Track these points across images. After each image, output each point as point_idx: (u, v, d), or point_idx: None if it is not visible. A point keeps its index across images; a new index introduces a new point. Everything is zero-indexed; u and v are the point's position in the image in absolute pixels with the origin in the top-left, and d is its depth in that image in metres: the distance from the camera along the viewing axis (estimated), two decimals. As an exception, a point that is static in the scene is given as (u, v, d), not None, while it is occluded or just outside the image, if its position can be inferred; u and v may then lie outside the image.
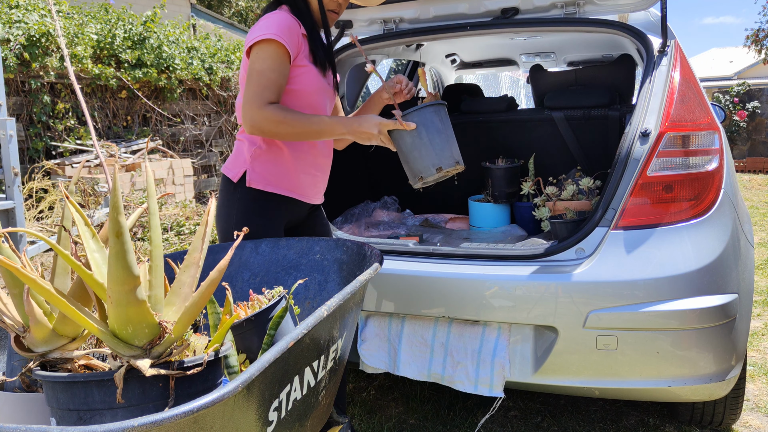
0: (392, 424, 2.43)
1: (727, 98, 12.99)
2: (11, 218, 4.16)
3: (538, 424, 2.41)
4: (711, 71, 21.20)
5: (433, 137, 1.70)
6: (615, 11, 2.56)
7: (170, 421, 0.78)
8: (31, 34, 5.47)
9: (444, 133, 1.71)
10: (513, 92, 8.47)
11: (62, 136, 5.86)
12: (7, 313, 1.11)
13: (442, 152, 1.71)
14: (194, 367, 0.97)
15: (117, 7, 6.99)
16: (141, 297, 0.95)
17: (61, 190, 1.55)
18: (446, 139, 1.72)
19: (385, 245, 2.22)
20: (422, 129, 1.69)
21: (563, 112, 2.84)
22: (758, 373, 2.82)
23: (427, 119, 1.70)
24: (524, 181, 2.88)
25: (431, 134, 1.70)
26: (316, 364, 1.22)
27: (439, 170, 1.71)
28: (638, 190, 1.89)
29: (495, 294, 1.94)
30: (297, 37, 1.76)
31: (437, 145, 1.70)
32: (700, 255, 1.84)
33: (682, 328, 1.80)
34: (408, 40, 2.81)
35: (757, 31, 16.18)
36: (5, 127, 4.08)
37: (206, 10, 13.31)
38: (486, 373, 2.00)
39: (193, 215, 5.65)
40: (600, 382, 1.90)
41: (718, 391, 1.90)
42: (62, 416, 0.97)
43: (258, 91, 1.69)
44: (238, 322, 1.35)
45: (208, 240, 1.10)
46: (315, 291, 1.69)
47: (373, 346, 2.16)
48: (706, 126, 1.95)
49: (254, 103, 1.69)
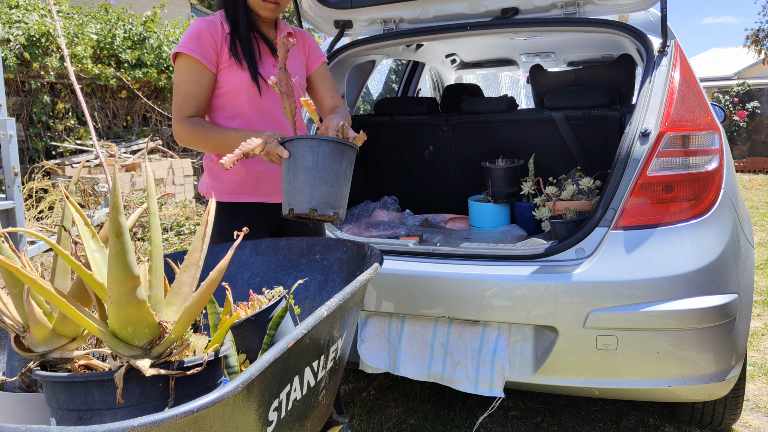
0: (392, 424, 2.43)
1: (727, 98, 12.99)
2: (11, 218, 4.16)
3: (538, 424, 2.41)
4: (711, 71, 21.20)
5: (298, 174, 1.54)
6: (615, 11, 2.56)
7: (170, 421, 0.78)
8: (31, 34, 5.47)
9: (311, 173, 1.52)
10: (513, 92, 8.46)
11: (62, 136, 5.86)
12: (7, 313, 1.11)
13: (300, 193, 1.54)
14: (194, 367, 0.97)
15: (117, 7, 6.99)
16: (141, 297, 0.95)
17: (61, 190, 1.55)
18: (310, 180, 1.52)
19: (385, 245, 2.22)
20: (293, 161, 1.54)
21: (563, 112, 2.84)
22: (758, 373, 2.82)
23: (299, 153, 1.53)
24: (524, 181, 2.88)
25: (297, 170, 1.54)
26: (316, 364, 1.22)
27: (290, 211, 1.56)
28: (638, 190, 1.89)
29: (495, 294, 1.94)
30: (209, 40, 1.77)
31: (297, 184, 1.54)
32: (700, 255, 1.84)
33: (682, 328, 1.80)
34: (408, 40, 2.81)
35: (757, 31, 16.17)
36: (5, 127, 4.08)
37: (206, 10, 13.31)
38: (486, 373, 2.00)
39: (193, 215, 5.65)
40: (600, 382, 1.90)
41: (718, 391, 1.90)
42: (62, 416, 0.97)
43: (176, 107, 1.77)
44: (238, 322, 1.35)
45: (208, 240, 1.10)
46: (315, 291, 1.69)
47: (373, 346, 2.16)
48: (706, 126, 1.95)
49: (174, 119, 1.77)
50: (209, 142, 1.75)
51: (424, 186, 3.30)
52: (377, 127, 3.15)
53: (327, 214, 1.55)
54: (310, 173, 1.52)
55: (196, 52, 1.75)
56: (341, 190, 1.57)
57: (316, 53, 2.01)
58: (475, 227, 2.97)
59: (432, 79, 4.78)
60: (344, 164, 1.56)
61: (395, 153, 3.23)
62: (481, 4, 2.60)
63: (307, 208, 1.54)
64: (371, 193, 3.33)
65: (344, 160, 1.56)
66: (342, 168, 1.55)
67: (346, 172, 1.57)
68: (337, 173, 1.54)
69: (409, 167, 3.24)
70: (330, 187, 1.54)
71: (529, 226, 2.84)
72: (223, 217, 1.89)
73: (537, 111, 3.00)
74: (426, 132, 3.15)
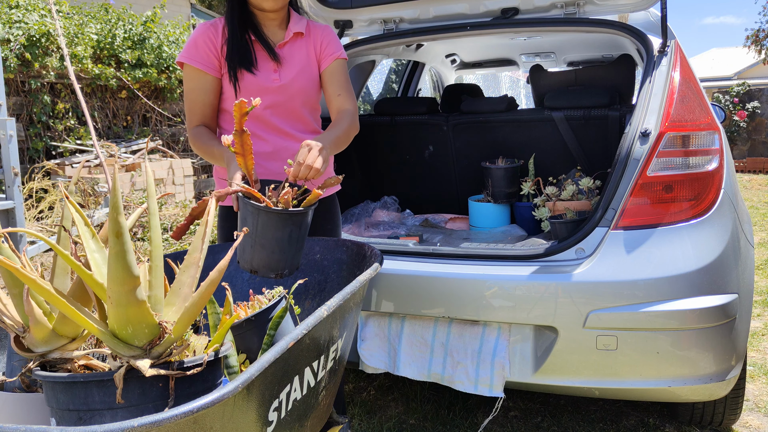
0: (392, 424, 2.43)
1: (727, 98, 12.99)
2: (11, 218, 4.16)
3: (538, 424, 2.41)
4: (711, 71, 21.20)
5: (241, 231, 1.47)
6: (615, 11, 2.56)
7: (170, 421, 0.78)
8: (31, 34, 5.47)
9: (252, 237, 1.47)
10: (513, 92, 8.46)
11: (62, 136, 5.86)
12: (7, 313, 1.11)
13: (242, 250, 1.51)
14: (194, 367, 0.97)
15: (117, 7, 6.99)
16: (141, 297, 0.95)
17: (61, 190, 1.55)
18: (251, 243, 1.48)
19: (385, 245, 2.22)
20: (240, 217, 1.50)
21: (563, 112, 2.84)
22: (758, 373, 2.82)
23: (243, 212, 1.48)
24: (524, 181, 2.88)
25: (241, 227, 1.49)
26: (316, 364, 1.22)
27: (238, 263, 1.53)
28: (638, 190, 1.89)
29: (495, 294, 1.94)
30: (208, 45, 1.78)
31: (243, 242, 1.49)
32: (700, 255, 1.84)
33: (682, 328, 1.80)
34: (408, 40, 2.81)
35: (757, 32, 16.18)
36: (5, 127, 4.08)
37: (206, 10, 13.32)
38: (486, 373, 2.00)
39: (193, 215, 5.64)
40: (600, 382, 1.90)
41: (718, 391, 1.90)
42: (62, 416, 0.97)
43: (187, 116, 1.84)
44: (238, 322, 1.35)
45: (208, 240, 1.10)
46: (315, 291, 1.70)
47: (373, 346, 2.16)
48: (706, 126, 1.95)
49: (187, 127, 1.85)
50: (205, 155, 1.78)
51: (424, 186, 3.30)
52: (377, 127, 3.15)
53: (268, 275, 1.51)
54: (251, 237, 1.47)
55: (194, 59, 1.77)
56: (284, 254, 1.50)
57: (329, 49, 1.90)
58: (475, 227, 2.97)
59: (432, 79, 4.78)
60: (288, 230, 1.48)
61: (395, 153, 3.23)
62: (481, 4, 2.60)
63: (248, 268, 1.52)
64: (371, 193, 3.33)
65: (287, 227, 1.48)
66: (285, 235, 1.48)
67: (291, 237, 1.49)
68: (279, 240, 1.48)
69: (409, 167, 3.24)
70: (270, 252, 1.49)
71: (529, 226, 2.84)
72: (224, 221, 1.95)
73: (537, 111, 3.00)
74: (426, 132, 3.15)
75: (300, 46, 1.89)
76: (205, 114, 1.81)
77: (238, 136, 1.40)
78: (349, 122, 1.78)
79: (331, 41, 1.92)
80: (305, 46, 1.89)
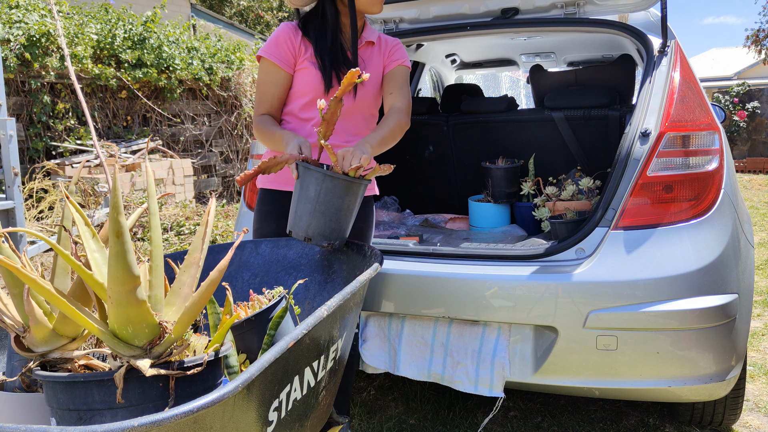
0: (392, 425, 2.43)
1: (727, 98, 12.99)
2: (11, 218, 4.16)
3: (538, 424, 2.41)
4: (711, 71, 21.20)
5: (301, 200, 1.58)
6: (615, 11, 2.56)
7: (170, 421, 0.78)
8: (31, 34, 5.47)
9: (312, 204, 1.56)
10: (513, 92, 8.47)
11: (62, 136, 5.86)
12: (7, 313, 1.11)
13: (299, 218, 1.59)
14: (194, 367, 0.97)
15: (117, 7, 6.99)
16: (141, 297, 0.95)
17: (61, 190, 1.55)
18: (310, 210, 1.56)
19: (385, 245, 2.22)
20: (299, 186, 1.59)
21: (563, 112, 2.84)
22: (758, 373, 2.82)
23: (305, 181, 1.57)
24: (524, 181, 2.88)
25: (301, 196, 1.58)
26: (316, 364, 1.22)
27: (289, 233, 1.61)
28: (638, 190, 1.89)
29: (495, 294, 1.94)
30: (288, 45, 1.91)
31: (299, 209, 1.58)
32: (700, 255, 1.84)
33: (682, 328, 1.80)
34: (408, 40, 2.81)
35: (757, 32, 16.17)
36: (5, 127, 4.08)
37: (206, 10, 13.32)
38: (486, 373, 2.00)
39: (193, 215, 5.65)
40: (600, 382, 1.90)
41: (718, 391, 1.90)
42: (62, 416, 0.97)
43: (255, 104, 1.98)
44: (238, 322, 1.35)
45: (208, 240, 1.10)
46: (315, 291, 1.70)
47: (373, 346, 2.16)
48: (706, 126, 1.95)
49: (254, 114, 1.97)
50: (265, 140, 1.89)
51: (424, 186, 3.30)
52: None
53: (321, 244, 1.59)
54: (311, 204, 1.56)
55: (274, 55, 1.90)
56: (340, 223, 1.59)
57: (395, 55, 2.02)
58: (475, 227, 2.97)
59: (432, 79, 4.78)
60: (347, 200, 1.57)
61: (395, 153, 3.22)
62: (481, 4, 2.60)
63: (302, 236, 1.59)
64: (371, 193, 3.32)
65: (348, 196, 1.57)
66: (344, 204, 1.57)
67: (348, 207, 1.58)
68: (337, 208, 1.56)
69: (409, 167, 3.24)
70: (328, 220, 1.57)
71: (529, 226, 2.84)
72: (261, 204, 2.03)
73: (537, 111, 3.00)
74: (426, 132, 3.15)
75: (369, 55, 1.99)
76: (273, 105, 1.94)
77: (335, 103, 1.50)
78: (397, 120, 1.85)
79: (399, 50, 2.03)
80: (374, 56, 2.00)
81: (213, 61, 7.47)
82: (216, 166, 7.55)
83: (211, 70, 7.39)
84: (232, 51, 7.85)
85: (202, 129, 7.36)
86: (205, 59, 7.38)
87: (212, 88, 7.49)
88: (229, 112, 7.72)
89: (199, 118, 7.35)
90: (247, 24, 17.12)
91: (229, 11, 17.42)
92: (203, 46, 7.54)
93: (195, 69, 7.09)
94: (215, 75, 7.43)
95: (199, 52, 7.35)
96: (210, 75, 7.38)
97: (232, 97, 7.73)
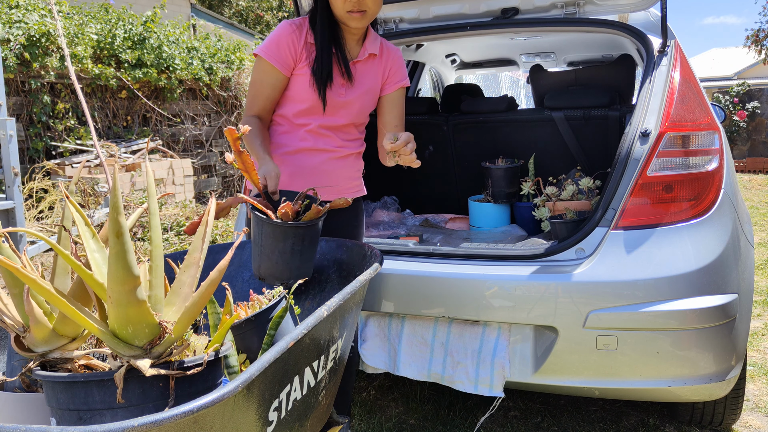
0: (392, 424, 2.43)
1: (727, 98, 12.99)
2: (11, 218, 4.16)
3: (538, 424, 2.41)
4: (711, 71, 21.19)
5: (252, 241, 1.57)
6: (615, 11, 2.56)
7: (170, 421, 0.78)
8: (31, 34, 5.47)
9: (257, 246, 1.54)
10: (513, 92, 8.47)
11: (62, 136, 5.86)
12: (7, 313, 1.11)
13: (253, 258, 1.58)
14: (194, 367, 0.97)
15: (117, 7, 6.99)
16: (141, 297, 0.95)
17: (61, 190, 1.55)
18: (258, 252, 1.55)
19: (385, 245, 2.22)
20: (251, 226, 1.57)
21: (563, 112, 2.84)
22: (758, 373, 2.82)
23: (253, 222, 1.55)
24: (524, 181, 2.88)
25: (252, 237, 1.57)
26: (316, 364, 1.22)
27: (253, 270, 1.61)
28: (638, 190, 1.89)
29: (495, 294, 1.94)
30: (288, 47, 1.86)
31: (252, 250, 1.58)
32: (700, 255, 1.84)
33: (682, 328, 1.80)
34: (408, 40, 2.81)
35: (757, 32, 16.18)
36: (5, 127, 4.08)
37: (206, 10, 13.32)
38: (486, 373, 2.00)
39: (193, 215, 5.65)
40: (600, 382, 1.90)
41: (718, 391, 1.90)
42: (62, 416, 0.97)
43: (247, 103, 1.95)
44: (238, 322, 1.35)
45: (208, 240, 1.10)
46: (315, 291, 1.70)
47: (373, 346, 2.16)
48: (706, 126, 1.95)
49: (245, 112, 1.95)
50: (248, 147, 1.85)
51: (424, 186, 3.30)
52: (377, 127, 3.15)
53: (274, 284, 1.54)
54: (258, 246, 1.54)
55: (273, 56, 1.85)
56: (288, 264, 1.53)
57: (396, 75, 2.00)
58: (475, 227, 2.97)
59: (432, 79, 4.78)
60: (289, 243, 1.51)
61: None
62: (481, 4, 2.60)
63: (256, 274, 1.57)
64: (371, 193, 3.32)
65: (288, 238, 1.50)
66: (286, 246, 1.51)
67: (293, 248, 1.52)
68: (281, 251, 1.51)
69: (409, 167, 3.24)
70: (274, 263, 1.53)
71: (529, 226, 2.84)
72: None
73: (537, 111, 3.00)
74: (426, 132, 3.15)
75: (370, 68, 1.97)
76: (265, 106, 1.92)
77: (238, 156, 1.49)
78: None
79: (400, 67, 2.02)
80: (375, 69, 1.97)
81: (213, 61, 7.47)
82: (216, 166, 7.55)
83: (211, 70, 7.39)
84: (232, 51, 7.86)
85: (202, 129, 7.36)
86: (205, 59, 7.38)
87: (212, 88, 7.49)
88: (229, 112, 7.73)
89: (199, 118, 7.36)
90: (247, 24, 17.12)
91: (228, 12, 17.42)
92: (203, 46, 7.54)
93: (195, 69, 7.09)
94: (215, 75, 7.43)
95: (199, 52, 7.35)
96: (210, 75, 7.38)
97: (232, 97, 7.74)
